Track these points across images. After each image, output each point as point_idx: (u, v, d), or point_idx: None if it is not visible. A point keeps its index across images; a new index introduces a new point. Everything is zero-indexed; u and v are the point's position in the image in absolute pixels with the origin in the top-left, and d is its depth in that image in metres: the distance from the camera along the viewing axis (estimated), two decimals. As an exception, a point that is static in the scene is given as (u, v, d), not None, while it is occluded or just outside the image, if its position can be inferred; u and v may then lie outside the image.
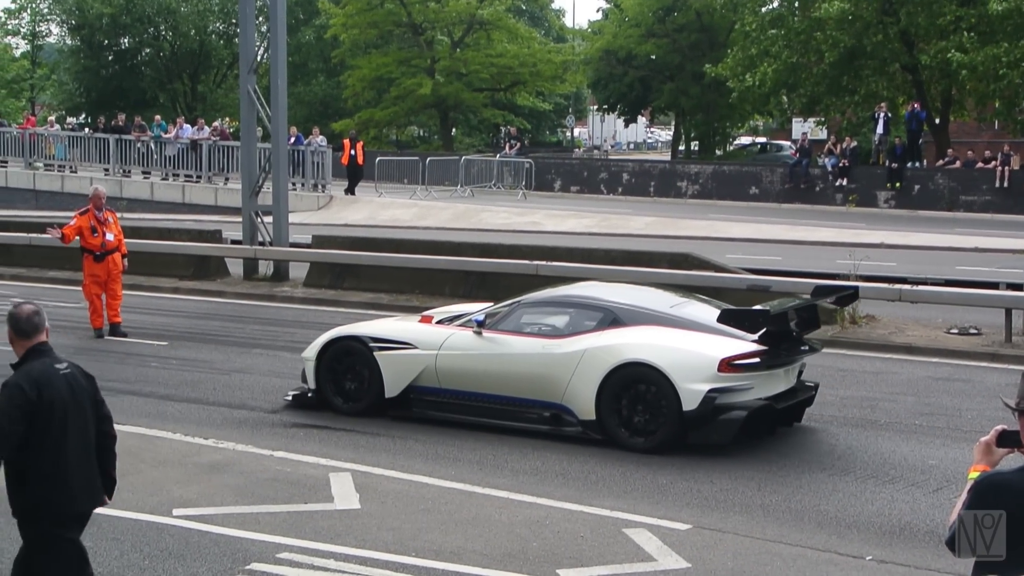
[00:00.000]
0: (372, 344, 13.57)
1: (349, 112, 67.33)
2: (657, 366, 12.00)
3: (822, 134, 55.69)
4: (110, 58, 77.31)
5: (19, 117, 59.66)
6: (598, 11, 76.90)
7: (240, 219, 26.39)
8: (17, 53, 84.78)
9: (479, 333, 13.11)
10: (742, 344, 12.20)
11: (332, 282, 23.34)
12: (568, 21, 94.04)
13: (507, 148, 52.48)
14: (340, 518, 10.06)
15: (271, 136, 25.28)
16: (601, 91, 70.23)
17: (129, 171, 44.26)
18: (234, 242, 26.51)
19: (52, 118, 58.00)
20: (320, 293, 23.09)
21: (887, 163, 42.86)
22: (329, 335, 14.08)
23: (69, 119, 65.20)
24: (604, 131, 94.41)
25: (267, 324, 20.62)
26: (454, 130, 73.99)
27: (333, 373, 13.84)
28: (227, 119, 58.94)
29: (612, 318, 12.73)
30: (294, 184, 37.66)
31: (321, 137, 42.83)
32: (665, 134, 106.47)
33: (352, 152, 42.78)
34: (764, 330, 12.24)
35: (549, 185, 49.72)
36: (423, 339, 13.49)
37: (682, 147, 69.69)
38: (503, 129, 72.85)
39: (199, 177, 42.74)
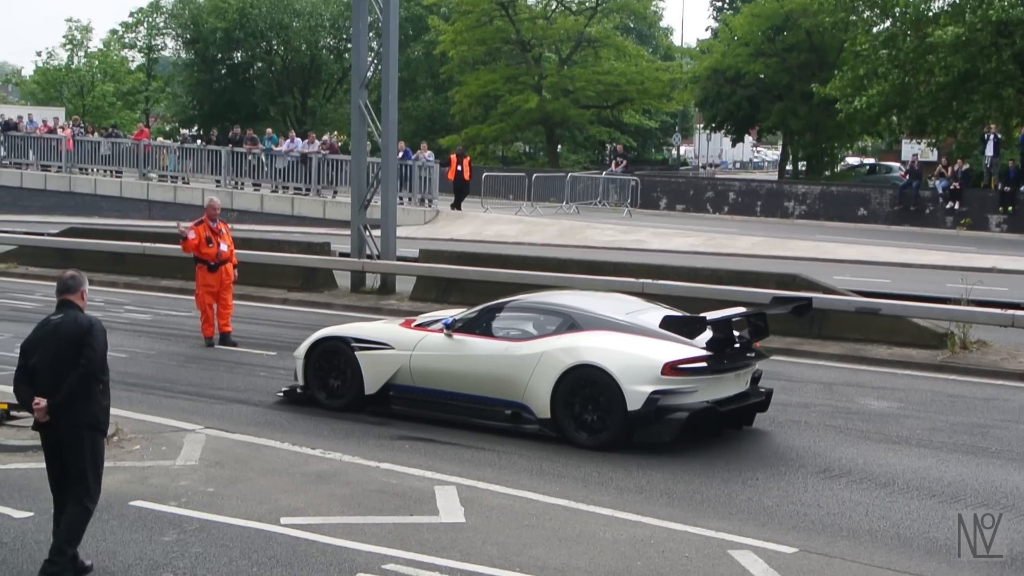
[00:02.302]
0: (354, 344, 14.53)
1: (456, 128, 67.76)
2: (605, 368, 12.76)
3: (932, 156, 54.98)
4: (223, 71, 78.73)
5: (133, 128, 60.78)
6: (707, 30, 76.75)
7: (348, 232, 26.68)
8: (133, 66, 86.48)
9: (449, 335, 13.95)
10: (687, 349, 12.95)
11: (438, 296, 23.46)
12: (676, 39, 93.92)
13: (613, 165, 52.43)
14: (445, 531, 10.11)
15: (381, 150, 25.51)
16: (708, 110, 69.89)
17: (241, 183, 44.96)
18: (342, 255, 26.79)
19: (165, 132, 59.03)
20: (426, 307, 23.19)
21: (999, 186, 42.09)
22: (317, 335, 15.01)
23: (182, 131, 66.36)
24: (710, 150, 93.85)
25: (373, 337, 20.72)
26: (560, 147, 74.10)
27: (319, 371, 14.77)
28: (336, 133, 59.60)
29: (570, 323, 13.48)
30: (401, 198, 37.94)
31: (429, 152, 43.14)
32: (771, 153, 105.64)
33: (459, 167, 43.03)
34: (711, 336, 12.99)
35: (654, 203, 49.58)
36: (399, 340, 14.38)
37: (789, 167, 69.08)
38: (609, 146, 72.80)
39: (308, 190, 43.26)
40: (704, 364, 12.90)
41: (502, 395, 13.57)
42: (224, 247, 19.26)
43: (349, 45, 68.53)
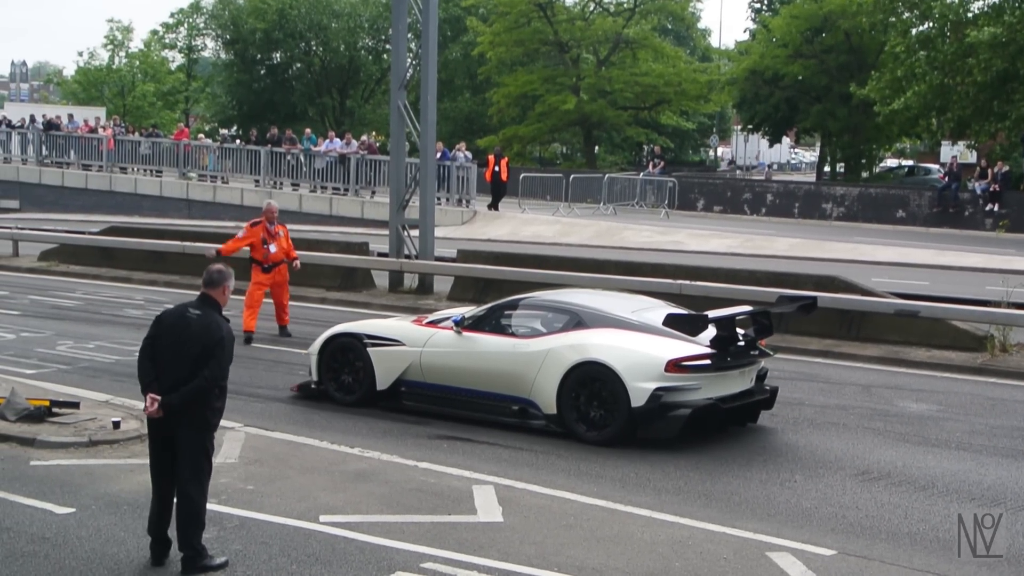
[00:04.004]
0: (366, 340, 14.78)
1: (494, 128, 67.83)
2: (610, 365, 12.94)
3: (971, 158, 54.62)
4: (262, 72, 79.05)
5: (173, 128, 61.14)
6: (745, 31, 76.48)
7: (385, 232, 26.76)
8: (173, 66, 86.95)
9: (458, 332, 14.19)
10: (691, 347, 13.15)
11: (476, 296, 23.47)
12: (714, 41, 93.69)
13: (650, 167, 52.41)
14: (483, 530, 10.14)
15: (419, 151, 25.58)
16: (746, 111, 69.71)
17: (279, 183, 45.15)
18: (380, 254, 26.87)
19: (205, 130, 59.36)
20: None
21: (1039, 188, 41.83)
22: (330, 332, 15.26)
23: (221, 131, 66.70)
24: (748, 151, 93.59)
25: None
26: (597, 148, 74.05)
27: (333, 367, 15.06)
28: (374, 133, 59.75)
29: (577, 321, 13.68)
30: (439, 199, 38.00)
31: (467, 152, 43.19)
32: (809, 155, 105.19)
33: (496, 168, 43.06)
34: (715, 334, 13.19)
35: (692, 204, 49.51)
36: (410, 337, 14.62)
37: (827, 168, 68.78)
38: (646, 147, 72.70)
39: (346, 190, 43.41)
40: (708, 361, 13.09)
41: (510, 391, 13.77)
42: (274, 248, 19.68)
43: (387, 46, 68.87)
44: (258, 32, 75.04)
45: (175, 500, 9.11)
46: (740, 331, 13.79)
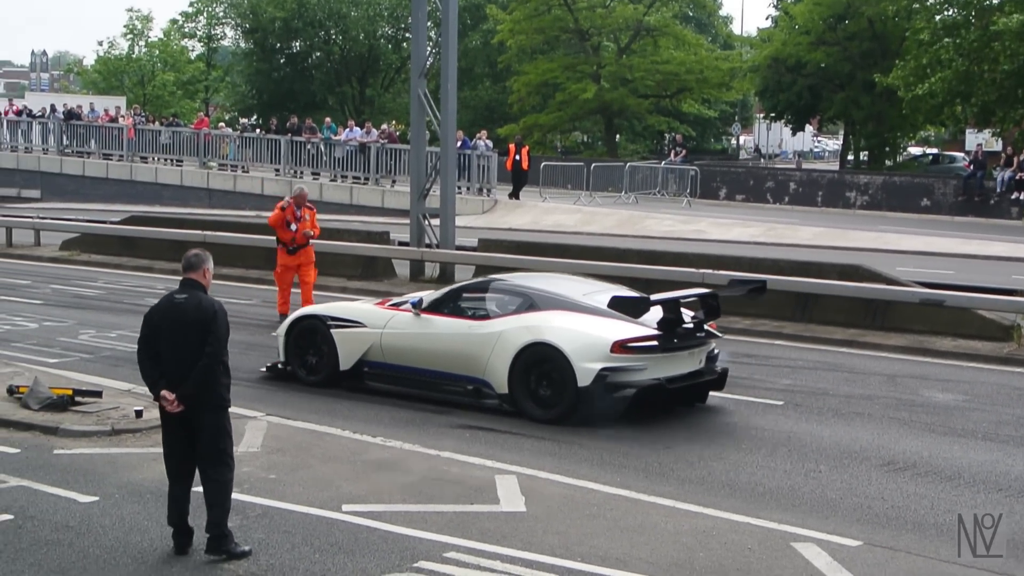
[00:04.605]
0: (330, 322, 15.25)
1: (514, 117, 67.67)
2: (558, 346, 13.34)
3: (997, 145, 54.27)
4: (282, 61, 79.06)
5: (193, 117, 61.24)
6: (767, 18, 76.18)
7: (406, 221, 26.72)
8: (193, 55, 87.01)
9: (416, 314, 14.61)
10: (637, 328, 13.54)
11: (497, 285, 23.42)
12: (736, 28, 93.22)
13: (672, 155, 52.22)
14: (506, 520, 10.10)
15: (440, 139, 25.52)
16: (769, 99, 69.34)
17: (299, 172, 45.16)
18: (401, 243, 26.82)
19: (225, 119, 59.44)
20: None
21: (1065, 176, 41.53)
22: (296, 314, 15.79)
23: (241, 120, 66.72)
24: (770, 139, 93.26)
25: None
26: (618, 136, 73.86)
27: (299, 348, 15.47)
28: (394, 122, 59.71)
29: (529, 303, 14.09)
30: (460, 188, 37.92)
31: (487, 141, 43.09)
32: (832, 143, 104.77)
33: (517, 157, 42.99)
34: (662, 316, 13.58)
35: (714, 193, 49.32)
36: (371, 319, 15.09)
37: (851, 156, 68.47)
38: (667, 136, 72.46)
39: (367, 179, 43.39)
40: (654, 343, 13.46)
41: (464, 371, 14.17)
42: (294, 227, 20.19)
43: (407, 35, 68.76)
44: (277, 21, 74.98)
45: (202, 483, 9.14)
46: (690, 313, 14.22)
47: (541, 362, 13.55)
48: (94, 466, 11.44)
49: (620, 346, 13.24)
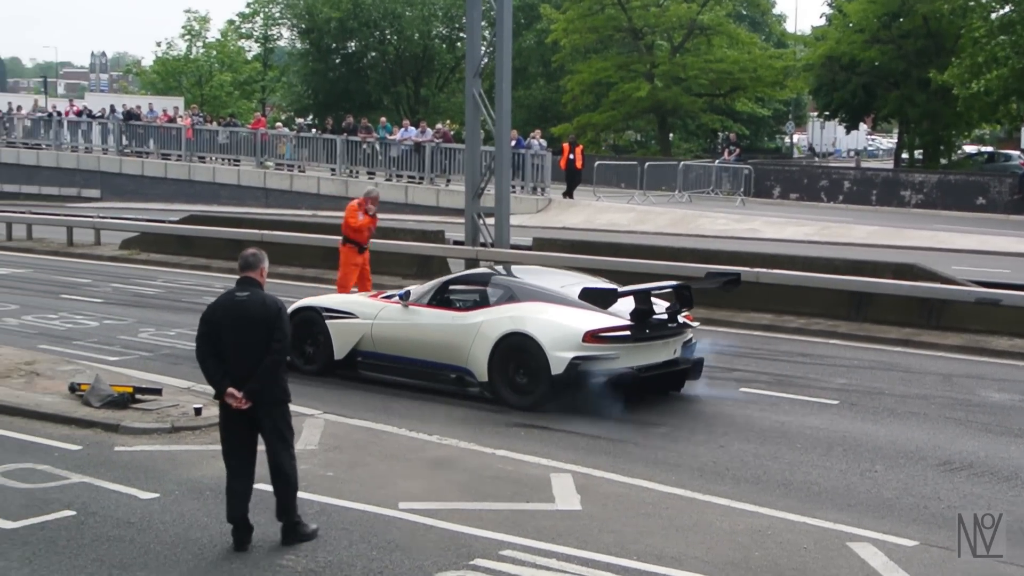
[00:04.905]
0: (324, 314, 15.88)
1: (568, 116, 67.66)
2: (533, 336, 13.91)
3: (1054, 143, 53.74)
4: (337, 61, 79.47)
5: (250, 117, 61.56)
6: (821, 16, 75.61)
7: (461, 220, 26.82)
8: (250, 56, 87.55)
9: (405, 306, 15.25)
10: (609, 319, 14.06)
11: (551, 284, 23.47)
12: (790, 26, 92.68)
13: (726, 154, 52.05)
14: (561, 518, 10.16)
15: (494, 139, 25.60)
16: (823, 97, 68.95)
17: (355, 171, 45.40)
18: (456, 243, 26.92)
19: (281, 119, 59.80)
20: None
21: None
22: (294, 306, 16.08)
23: (297, 120, 67.13)
24: (824, 138, 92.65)
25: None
26: (672, 135, 73.67)
27: (296, 338, 15.24)
28: (448, 122, 59.83)
29: (509, 295, 14.68)
30: (514, 187, 38.02)
31: (541, 140, 43.14)
32: (887, 141, 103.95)
33: (571, 156, 43.02)
34: (634, 307, 14.07)
35: (768, 192, 49.14)
36: (363, 310, 15.74)
37: (905, 155, 67.95)
38: (721, 135, 72.21)
39: (421, 178, 43.56)
40: (626, 333, 13.96)
41: (449, 360, 14.74)
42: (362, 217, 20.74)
43: (462, 34, 68.94)
44: (333, 21, 75.39)
45: (271, 475, 9.36)
46: (665, 304, 14.79)
47: (518, 351, 14.09)
48: (154, 463, 11.61)
49: (591, 336, 13.75)
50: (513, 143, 35.71)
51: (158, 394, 13.94)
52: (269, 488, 9.61)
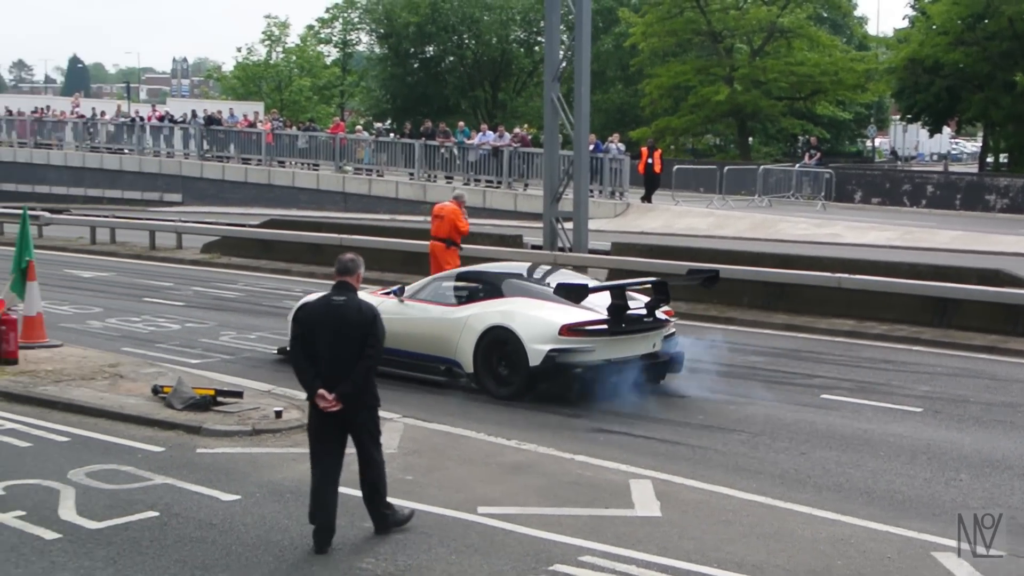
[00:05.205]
0: None
1: (646, 120, 67.50)
2: (513, 329, 14.66)
3: None
4: (415, 66, 79.85)
5: (329, 122, 62.03)
6: (903, 18, 74.85)
7: (539, 224, 26.80)
8: (329, 61, 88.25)
9: (400, 301, 16.00)
10: (585, 313, 14.73)
11: (629, 289, 23.40)
12: (871, 28, 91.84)
13: (806, 158, 51.59)
14: (641, 524, 10.10)
15: (573, 143, 25.57)
16: (905, 100, 68.12)
17: (433, 176, 45.57)
18: (534, 247, 26.89)
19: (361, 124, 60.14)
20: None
21: None
22: (301, 302, 16.18)
23: (376, 124, 67.51)
24: (907, 141, 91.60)
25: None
26: (751, 139, 73.22)
27: None
28: (526, 126, 59.90)
29: (496, 291, 15.45)
30: (592, 191, 37.93)
31: (620, 144, 43.03)
32: (971, 145, 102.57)
33: (649, 160, 42.88)
34: (611, 302, 14.68)
35: (849, 196, 48.61)
36: None
37: (990, 159, 66.97)
38: (801, 138, 71.65)
39: (499, 183, 43.59)
40: (603, 327, 14.62)
41: (439, 352, 15.50)
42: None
43: (539, 39, 68.97)
44: (411, 26, 75.77)
45: (366, 474, 9.54)
46: (644, 299, 15.45)
47: (500, 344, 14.82)
48: (236, 465, 11.69)
49: (568, 329, 14.46)
50: (591, 147, 35.62)
51: (239, 397, 14.05)
52: (350, 492, 9.65)
